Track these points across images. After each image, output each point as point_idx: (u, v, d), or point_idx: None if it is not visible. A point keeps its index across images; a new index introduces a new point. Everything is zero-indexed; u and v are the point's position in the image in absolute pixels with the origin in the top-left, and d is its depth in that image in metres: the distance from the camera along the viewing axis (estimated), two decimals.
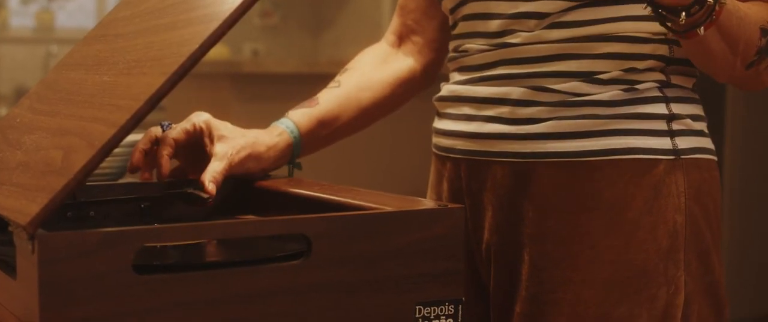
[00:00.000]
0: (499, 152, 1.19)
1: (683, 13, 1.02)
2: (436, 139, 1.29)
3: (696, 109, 1.20)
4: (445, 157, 1.28)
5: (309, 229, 0.90)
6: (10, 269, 0.90)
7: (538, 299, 1.16)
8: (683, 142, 1.16)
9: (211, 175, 1.12)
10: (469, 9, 1.24)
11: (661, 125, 1.16)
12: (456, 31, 1.27)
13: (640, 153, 1.14)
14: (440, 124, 1.29)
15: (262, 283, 0.88)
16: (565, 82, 1.16)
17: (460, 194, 1.25)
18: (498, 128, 1.19)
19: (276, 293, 0.89)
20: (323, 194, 1.10)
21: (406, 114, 3.82)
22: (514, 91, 1.18)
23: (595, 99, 1.15)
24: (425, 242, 0.95)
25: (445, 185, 1.29)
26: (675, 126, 1.16)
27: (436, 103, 1.30)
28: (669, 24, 1.05)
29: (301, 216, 0.92)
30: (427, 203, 1.01)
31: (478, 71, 1.23)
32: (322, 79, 4.43)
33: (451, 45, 1.29)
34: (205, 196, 1.10)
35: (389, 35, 1.41)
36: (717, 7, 1.04)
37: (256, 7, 5.62)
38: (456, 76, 1.28)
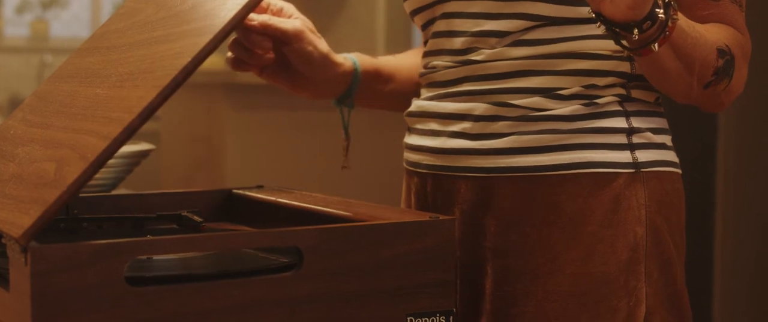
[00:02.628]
0: (462, 167, 1.20)
1: (635, 30, 1.04)
2: (406, 154, 1.31)
3: (658, 123, 1.21)
4: (413, 171, 1.29)
5: (301, 241, 0.90)
6: (3, 280, 0.90)
7: (501, 312, 1.17)
8: (643, 156, 1.17)
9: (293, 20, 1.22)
10: (436, 27, 1.25)
11: (621, 139, 1.17)
12: (426, 48, 1.29)
13: (599, 167, 1.15)
14: (409, 139, 1.30)
15: (254, 295, 0.89)
16: (526, 98, 1.17)
17: (426, 208, 1.26)
18: (461, 144, 1.20)
19: (268, 305, 0.89)
20: (315, 205, 1.10)
21: (380, 127, 3.82)
22: (478, 107, 1.19)
23: (556, 114, 1.16)
24: (417, 254, 0.95)
25: (412, 200, 1.30)
26: (635, 139, 1.17)
27: (406, 119, 1.31)
28: (623, 41, 1.06)
29: (293, 228, 0.92)
30: (419, 214, 1.01)
31: (444, 87, 1.24)
32: None
33: (422, 61, 1.30)
34: (198, 219, 1.11)
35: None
36: (669, 23, 1.05)
37: None
38: (424, 92, 1.29)
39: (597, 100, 1.16)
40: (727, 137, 3.50)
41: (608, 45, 1.14)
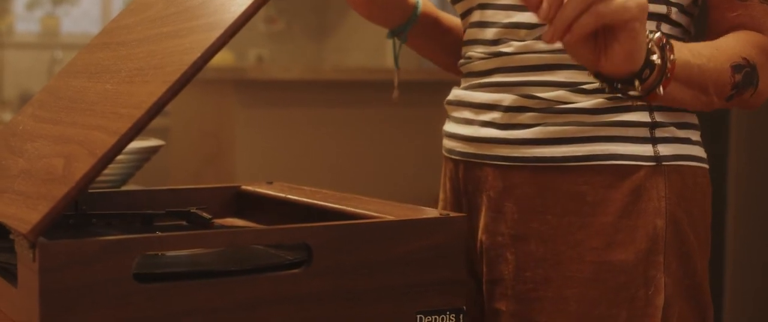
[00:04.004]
0: (490, 155, 1.23)
1: (637, 81, 1.06)
2: (444, 140, 1.34)
3: (684, 118, 1.22)
4: (448, 157, 1.32)
5: (310, 238, 0.90)
6: (12, 276, 0.90)
7: (522, 296, 1.19)
8: (665, 150, 1.18)
9: None
10: (473, 17, 1.28)
11: (644, 133, 1.18)
12: (465, 38, 1.31)
13: (620, 159, 1.17)
14: (447, 126, 1.33)
15: (263, 291, 0.88)
16: (551, 91, 1.18)
17: (458, 193, 1.29)
18: (490, 133, 1.23)
19: (277, 302, 0.89)
20: (325, 202, 1.10)
21: (412, 118, 3.82)
22: (506, 98, 1.21)
23: (580, 107, 1.18)
24: (426, 251, 0.95)
25: (447, 184, 1.33)
26: (658, 133, 1.18)
27: (445, 106, 1.34)
28: (630, 92, 1.08)
29: (302, 225, 0.92)
30: (429, 211, 1.01)
31: (478, 77, 1.27)
32: (326, 86, 4.45)
33: (462, 51, 1.33)
34: (207, 216, 1.11)
35: None
36: (669, 65, 1.07)
37: (261, 13, 5.63)
38: (462, 82, 1.32)
39: (620, 94, 1.16)
40: (738, 138, 3.48)
41: None
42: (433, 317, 0.95)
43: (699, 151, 1.22)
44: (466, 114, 1.27)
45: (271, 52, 5.75)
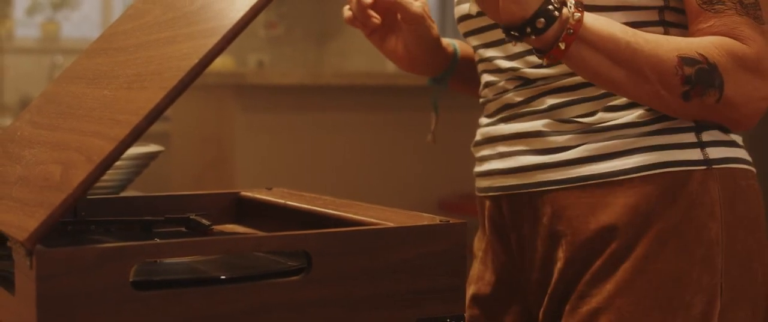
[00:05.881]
0: (535, 183, 1.22)
1: (528, 28, 1.06)
2: (477, 183, 1.34)
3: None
4: (484, 197, 1.32)
5: (310, 244, 0.89)
6: (9, 284, 0.89)
7: (577, 311, 1.19)
8: (715, 153, 1.17)
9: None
10: (487, 51, 1.29)
11: (691, 137, 1.17)
12: (480, 68, 1.33)
13: (671, 166, 1.16)
14: (479, 167, 1.33)
15: (262, 299, 0.88)
16: (587, 116, 1.19)
17: (503, 230, 1.29)
18: (532, 160, 1.22)
19: (276, 309, 0.88)
20: (324, 208, 1.09)
21: (413, 123, 3.80)
22: (539, 124, 1.22)
23: (621, 122, 1.17)
24: (426, 258, 0.94)
25: (488, 225, 1.32)
26: (705, 137, 1.17)
27: (472, 149, 1.35)
28: (532, 43, 1.09)
29: (301, 232, 0.91)
30: (429, 218, 1.00)
31: (505, 111, 1.27)
32: (326, 91, 4.44)
33: (481, 83, 1.34)
34: (206, 222, 1.10)
35: None
36: (572, 21, 1.07)
37: (262, 17, 5.63)
38: (485, 119, 1.33)
39: None
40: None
41: None
42: None
43: (745, 153, 1.21)
44: (500, 148, 1.27)
45: (271, 56, 5.75)
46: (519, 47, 1.23)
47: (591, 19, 1.09)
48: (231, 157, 3.62)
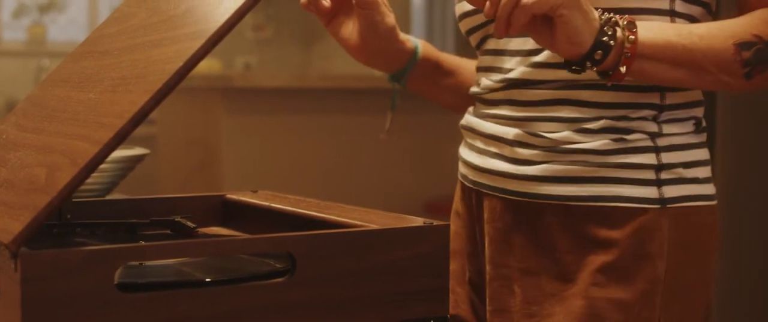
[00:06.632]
0: (500, 189, 1.25)
1: (588, 63, 1.08)
2: (459, 165, 1.36)
3: (692, 156, 1.22)
4: (463, 183, 1.35)
5: (294, 246, 0.89)
6: None
7: None
8: (671, 191, 1.19)
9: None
10: (487, 45, 1.30)
11: (649, 175, 1.19)
12: (478, 64, 1.34)
13: (625, 201, 1.18)
14: (461, 151, 1.35)
15: (247, 301, 0.88)
16: (556, 133, 1.20)
17: (471, 219, 1.32)
18: (500, 166, 1.24)
19: (261, 311, 0.88)
20: (309, 210, 1.10)
21: (401, 126, 3.79)
22: (511, 132, 1.23)
23: (585, 148, 1.19)
24: (410, 260, 0.95)
25: (462, 209, 1.35)
26: (664, 176, 1.19)
27: (461, 129, 1.36)
28: (593, 71, 1.11)
29: (285, 234, 0.92)
30: (413, 220, 1.01)
31: (487, 107, 1.29)
32: (312, 93, 4.43)
33: (476, 77, 1.35)
34: (191, 225, 1.11)
35: None
36: (627, 45, 1.09)
37: (249, 20, 5.63)
38: (473, 109, 1.34)
39: (626, 136, 1.18)
40: (724, 135, 3.49)
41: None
42: None
43: (706, 188, 1.22)
44: (478, 143, 1.29)
45: (258, 59, 5.75)
46: (518, 45, 1.24)
47: (644, 32, 1.11)
48: (217, 160, 3.62)
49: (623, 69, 1.09)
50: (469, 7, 1.29)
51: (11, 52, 5.56)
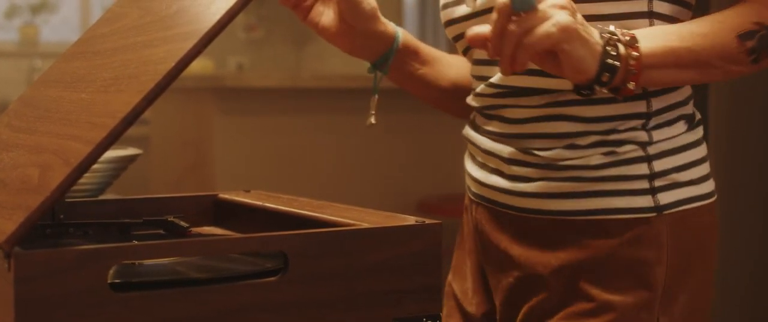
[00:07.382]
0: (500, 203, 1.26)
1: (596, 86, 1.10)
2: (466, 176, 1.36)
3: (686, 158, 1.22)
4: (468, 194, 1.36)
5: (286, 245, 0.90)
6: None
7: None
8: (666, 198, 1.20)
9: None
10: (476, 54, 1.30)
11: (643, 185, 1.19)
12: (471, 73, 1.33)
13: (622, 213, 1.19)
14: (466, 162, 1.36)
15: (239, 300, 0.88)
16: (547, 151, 1.21)
17: (477, 230, 1.33)
18: (498, 182, 1.26)
19: (254, 310, 0.89)
20: (302, 210, 1.10)
21: (393, 125, 3.81)
22: (505, 150, 1.25)
23: (578, 164, 1.20)
24: (403, 258, 0.95)
25: (468, 218, 1.36)
26: (657, 183, 1.20)
27: (464, 138, 1.36)
28: (603, 91, 1.12)
29: (278, 233, 0.92)
30: (406, 218, 1.01)
31: (482, 121, 1.30)
32: (305, 93, 4.43)
33: (472, 86, 1.35)
34: (184, 225, 1.11)
35: None
36: (632, 62, 1.10)
37: (241, 20, 5.63)
38: (472, 116, 1.35)
39: (617, 149, 1.19)
40: (717, 131, 3.50)
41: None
42: None
43: (703, 188, 1.23)
44: (478, 157, 1.30)
45: (250, 59, 5.75)
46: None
47: (647, 43, 1.11)
48: (210, 160, 3.62)
49: (632, 85, 1.11)
50: (455, 14, 1.29)
51: (3, 52, 5.54)
